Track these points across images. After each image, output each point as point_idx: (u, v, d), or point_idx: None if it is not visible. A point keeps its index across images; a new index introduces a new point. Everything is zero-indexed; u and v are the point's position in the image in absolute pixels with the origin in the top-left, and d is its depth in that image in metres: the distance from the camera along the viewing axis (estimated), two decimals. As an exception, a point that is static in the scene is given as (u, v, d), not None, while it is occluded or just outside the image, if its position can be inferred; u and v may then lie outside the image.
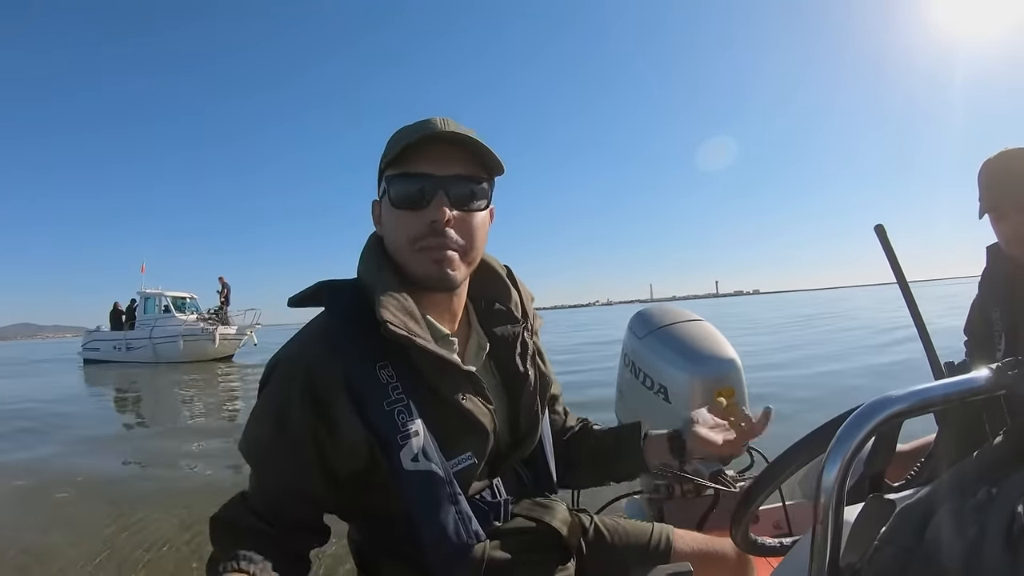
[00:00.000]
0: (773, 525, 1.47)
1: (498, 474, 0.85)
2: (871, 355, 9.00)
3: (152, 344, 18.23)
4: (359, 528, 0.86)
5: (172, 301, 19.32)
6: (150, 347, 18.23)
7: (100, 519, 3.34)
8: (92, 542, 2.99)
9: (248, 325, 19.02)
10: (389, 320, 0.71)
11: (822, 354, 9.62)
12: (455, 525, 0.74)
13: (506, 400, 0.87)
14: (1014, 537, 0.38)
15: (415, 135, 0.74)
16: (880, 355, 8.83)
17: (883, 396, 0.47)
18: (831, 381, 6.86)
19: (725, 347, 1.50)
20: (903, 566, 0.42)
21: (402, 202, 0.76)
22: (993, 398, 0.51)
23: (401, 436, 0.72)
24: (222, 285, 19.42)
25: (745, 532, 0.68)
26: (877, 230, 0.68)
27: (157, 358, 17.81)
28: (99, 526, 3.22)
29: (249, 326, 19.01)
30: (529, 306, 0.93)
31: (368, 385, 0.73)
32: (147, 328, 18.65)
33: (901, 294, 0.68)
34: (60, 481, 4.24)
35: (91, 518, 3.39)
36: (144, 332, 18.61)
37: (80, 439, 6.07)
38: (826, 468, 0.46)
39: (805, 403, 5.39)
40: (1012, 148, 1.28)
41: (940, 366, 0.62)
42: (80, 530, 3.21)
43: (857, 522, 0.47)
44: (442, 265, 0.76)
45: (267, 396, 0.75)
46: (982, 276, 1.46)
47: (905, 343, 9.10)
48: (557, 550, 0.86)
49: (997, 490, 0.43)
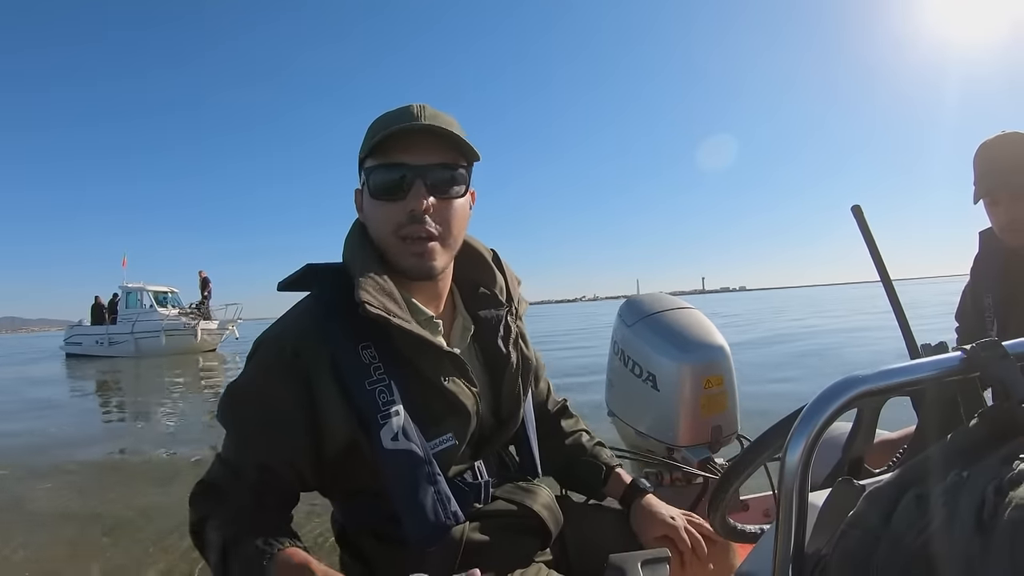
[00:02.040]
0: (763, 513, 1.50)
1: (480, 456, 0.87)
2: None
3: (134, 339, 18.28)
4: (342, 508, 0.88)
5: (154, 295, 19.35)
6: (132, 342, 18.27)
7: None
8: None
9: (230, 319, 19.21)
10: (367, 301, 0.73)
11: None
12: (433, 505, 0.76)
13: (489, 382, 0.89)
14: (984, 520, 0.38)
15: (391, 127, 0.76)
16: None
17: (850, 376, 0.46)
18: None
19: (714, 335, 1.51)
20: (870, 550, 0.42)
21: (381, 192, 0.79)
22: (968, 380, 0.51)
23: (381, 415, 0.74)
24: (203, 280, 19.41)
25: (723, 517, 0.68)
26: (854, 210, 0.67)
27: (139, 352, 17.86)
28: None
29: (231, 320, 19.19)
30: (515, 290, 0.95)
31: (350, 364, 0.75)
32: (129, 323, 18.68)
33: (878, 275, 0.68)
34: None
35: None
36: (126, 327, 18.66)
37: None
38: (789, 449, 0.45)
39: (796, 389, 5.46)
40: (1009, 132, 1.27)
41: (916, 347, 0.62)
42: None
43: (824, 506, 0.47)
44: (423, 258, 0.79)
45: (252, 369, 0.78)
46: (974, 262, 1.47)
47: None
48: (537, 534, 0.88)
49: (968, 473, 0.42)
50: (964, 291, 1.51)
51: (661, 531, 0.92)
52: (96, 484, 3.96)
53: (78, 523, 3.17)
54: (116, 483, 3.98)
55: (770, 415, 0.64)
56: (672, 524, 0.92)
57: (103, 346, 18.94)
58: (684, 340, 1.48)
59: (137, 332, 18.30)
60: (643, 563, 0.70)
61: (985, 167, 1.28)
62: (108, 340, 18.88)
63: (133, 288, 19.59)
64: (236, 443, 0.78)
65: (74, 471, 4.28)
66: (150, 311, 18.75)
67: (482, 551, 0.81)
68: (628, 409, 1.62)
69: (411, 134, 0.77)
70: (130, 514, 3.22)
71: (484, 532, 0.83)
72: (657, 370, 1.49)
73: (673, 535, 0.91)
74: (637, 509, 0.96)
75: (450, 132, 0.77)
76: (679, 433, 1.46)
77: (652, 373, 1.50)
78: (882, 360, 0.50)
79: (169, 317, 18.44)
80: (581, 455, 1.03)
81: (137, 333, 18.29)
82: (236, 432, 0.78)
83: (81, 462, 4.57)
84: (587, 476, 1.02)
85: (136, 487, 3.81)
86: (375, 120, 0.82)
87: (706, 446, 1.47)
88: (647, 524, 0.94)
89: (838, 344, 9.89)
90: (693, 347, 1.47)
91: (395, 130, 0.75)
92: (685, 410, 1.44)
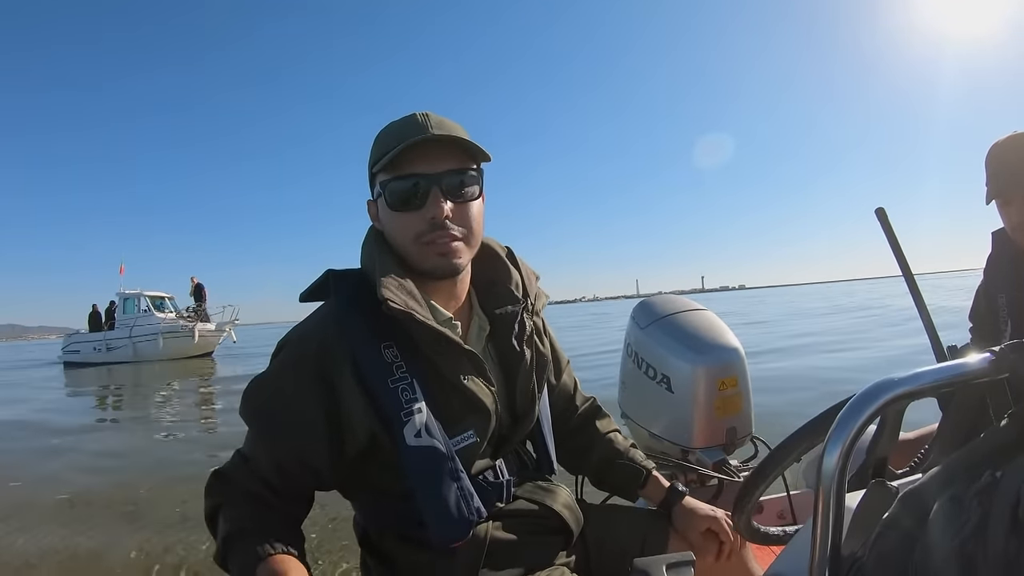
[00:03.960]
0: (777, 515, 1.50)
1: (501, 455, 0.89)
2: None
3: (132, 343, 18.33)
4: (364, 510, 0.90)
5: (151, 301, 19.40)
6: (130, 346, 18.33)
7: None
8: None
9: (227, 322, 19.27)
10: (389, 298, 0.76)
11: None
12: (456, 500, 0.78)
13: (504, 380, 0.91)
14: (1019, 520, 0.39)
15: (402, 141, 0.78)
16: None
17: (884, 379, 0.47)
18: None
19: (728, 336, 1.52)
20: (906, 551, 0.43)
21: (399, 204, 0.81)
22: (996, 381, 0.51)
23: (404, 413, 0.76)
24: (195, 286, 19.48)
25: (748, 520, 0.69)
26: (878, 213, 0.68)
27: (137, 357, 17.91)
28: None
29: (228, 323, 19.26)
30: (531, 285, 0.97)
31: (373, 363, 0.77)
32: (127, 327, 18.72)
33: (903, 277, 0.69)
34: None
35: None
36: (124, 332, 18.70)
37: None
38: (826, 453, 0.46)
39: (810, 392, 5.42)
40: (1021, 132, 1.28)
41: (943, 349, 0.63)
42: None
43: (859, 509, 0.47)
44: (448, 257, 0.81)
45: (276, 368, 0.81)
46: (987, 262, 1.48)
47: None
48: (560, 533, 0.90)
49: (1002, 473, 0.43)
50: (977, 291, 1.52)
51: (706, 525, 0.97)
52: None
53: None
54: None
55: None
56: (715, 517, 0.98)
57: (100, 352, 18.97)
58: (698, 342, 1.49)
59: (135, 336, 18.34)
60: (668, 566, 0.71)
61: (997, 167, 1.29)
62: (106, 346, 18.91)
63: (130, 295, 19.65)
64: (254, 439, 0.81)
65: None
66: (147, 315, 18.80)
67: (507, 549, 0.83)
68: (642, 411, 1.63)
69: (421, 144, 0.79)
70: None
71: (508, 531, 0.84)
72: (671, 372, 1.50)
73: (717, 528, 0.97)
74: (680, 510, 1.00)
75: (459, 139, 0.80)
76: (694, 435, 1.47)
77: (666, 375, 1.51)
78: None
79: (166, 320, 18.50)
80: (617, 458, 1.06)
81: (135, 337, 18.32)
82: (254, 428, 0.81)
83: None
84: (625, 478, 1.04)
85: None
86: (381, 132, 0.84)
87: (720, 448, 1.48)
88: (692, 521, 0.98)
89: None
90: (707, 349, 1.48)
91: (405, 145, 0.78)
92: (699, 412, 1.45)
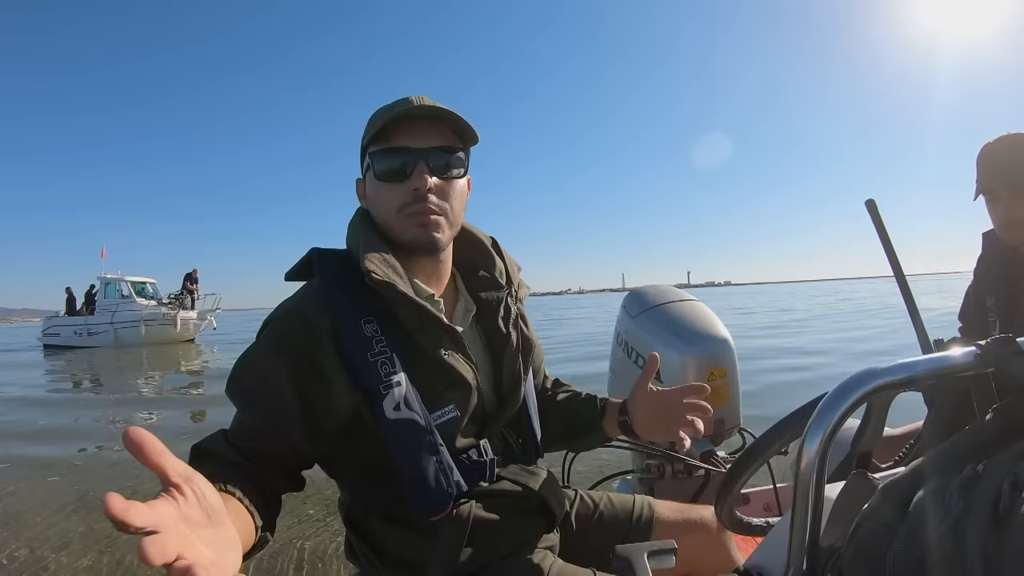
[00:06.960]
0: (763, 507, 1.52)
1: (485, 435, 0.90)
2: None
3: (113, 329, 18.30)
4: (348, 489, 0.91)
5: (132, 286, 19.34)
6: (111, 332, 18.28)
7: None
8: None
9: (208, 309, 19.38)
10: (372, 270, 0.78)
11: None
12: (436, 473, 0.79)
13: (490, 361, 0.93)
14: (999, 514, 0.39)
15: (394, 113, 0.81)
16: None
17: (866, 368, 0.47)
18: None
19: (718, 327, 1.53)
20: (885, 543, 0.43)
21: (386, 175, 0.84)
22: (982, 375, 0.52)
23: (383, 386, 0.78)
24: (192, 280, 19.49)
25: (730, 510, 0.70)
26: (868, 205, 0.68)
27: (119, 343, 17.85)
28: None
29: (210, 310, 19.37)
30: (515, 275, 1.00)
31: (353, 338, 0.79)
32: (108, 313, 18.68)
33: (891, 269, 0.69)
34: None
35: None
36: (105, 317, 18.65)
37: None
38: (806, 442, 0.46)
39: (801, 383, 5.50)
40: (1012, 133, 1.31)
41: (929, 342, 0.63)
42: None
43: (839, 499, 0.48)
44: (428, 228, 0.84)
45: (259, 343, 0.82)
46: (977, 262, 1.51)
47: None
48: (543, 515, 0.92)
49: (984, 467, 0.43)
50: (967, 291, 1.55)
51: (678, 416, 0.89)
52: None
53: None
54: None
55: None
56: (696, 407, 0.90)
57: (81, 336, 18.93)
58: (688, 332, 1.50)
59: (116, 322, 18.31)
60: (649, 554, 0.72)
61: (986, 165, 1.33)
62: (87, 330, 18.86)
63: (111, 279, 19.57)
64: (237, 415, 0.81)
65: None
66: (129, 301, 18.76)
67: (489, 530, 0.84)
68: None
69: (412, 119, 0.83)
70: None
71: (491, 510, 0.86)
72: (661, 362, 1.51)
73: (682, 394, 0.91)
74: (635, 420, 0.95)
75: (450, 113, 0.83)
76: (681, 425, 1.48)
77: (656, 365, 1.52)
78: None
79: (148, 307, 18.46)
80: (574, 397, 1.07)
81: (116, 323, 18.30)
82: (236, 404, 0.81)
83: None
84: (584, 411, 1.03)
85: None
86: (375, 111, 0.87)
87: (708, 439, 1.50)
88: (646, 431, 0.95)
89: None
90: (697, 339, 1.49)
91: (397, 115, 0.81)
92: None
